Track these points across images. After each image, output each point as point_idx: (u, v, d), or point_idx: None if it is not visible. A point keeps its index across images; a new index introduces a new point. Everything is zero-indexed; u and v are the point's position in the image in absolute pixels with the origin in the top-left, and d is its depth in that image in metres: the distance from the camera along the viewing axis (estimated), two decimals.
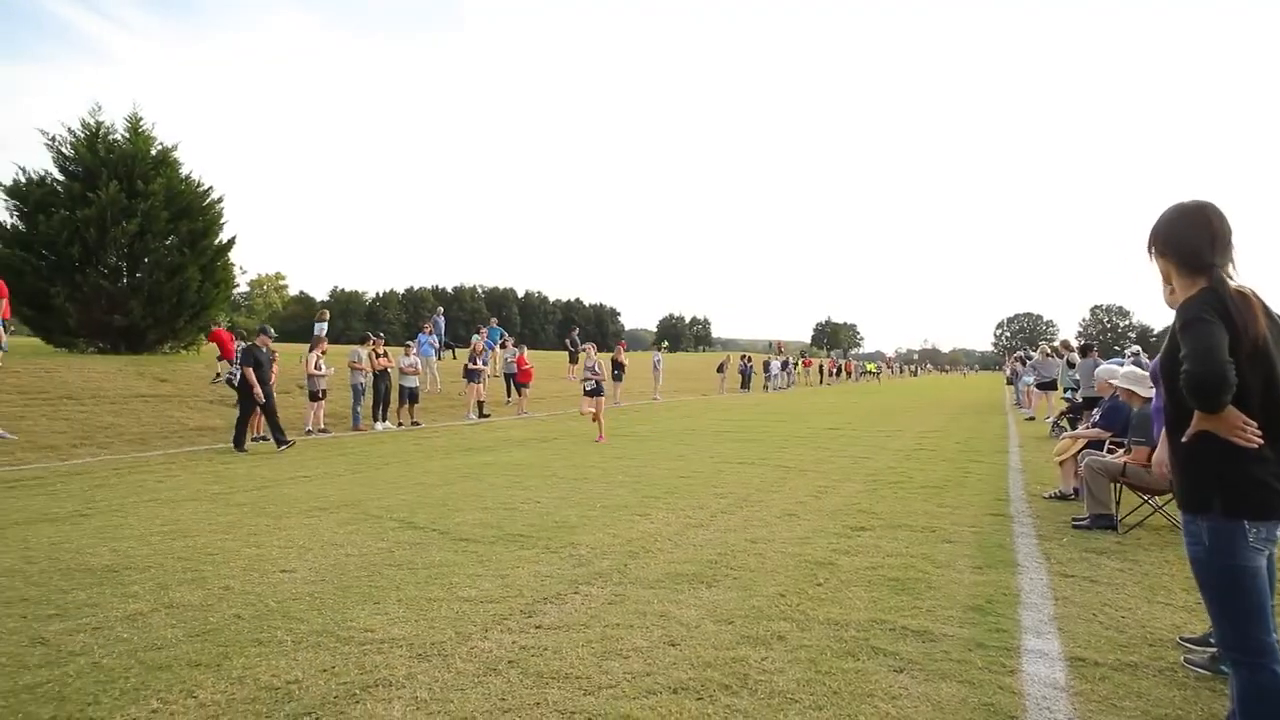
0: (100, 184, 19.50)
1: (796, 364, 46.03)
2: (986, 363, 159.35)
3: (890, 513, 6.99)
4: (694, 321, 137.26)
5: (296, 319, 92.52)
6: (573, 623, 3.99)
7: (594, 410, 13.04)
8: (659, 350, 30.15)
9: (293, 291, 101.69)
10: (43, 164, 21.69)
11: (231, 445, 11.24)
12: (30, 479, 8.50)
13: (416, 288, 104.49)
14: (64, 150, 20.41)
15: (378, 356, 14.27)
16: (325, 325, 19.07)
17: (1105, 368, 7.65)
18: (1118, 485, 6.41)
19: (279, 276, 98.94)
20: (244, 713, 2.95)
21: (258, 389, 11.13)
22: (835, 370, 55.34)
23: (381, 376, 14.25)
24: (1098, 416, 7.52)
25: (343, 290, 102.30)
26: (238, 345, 15.07)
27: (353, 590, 4.50)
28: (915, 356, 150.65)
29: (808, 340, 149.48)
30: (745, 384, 34.24)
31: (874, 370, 64.60)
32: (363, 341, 14.51)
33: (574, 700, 3.09)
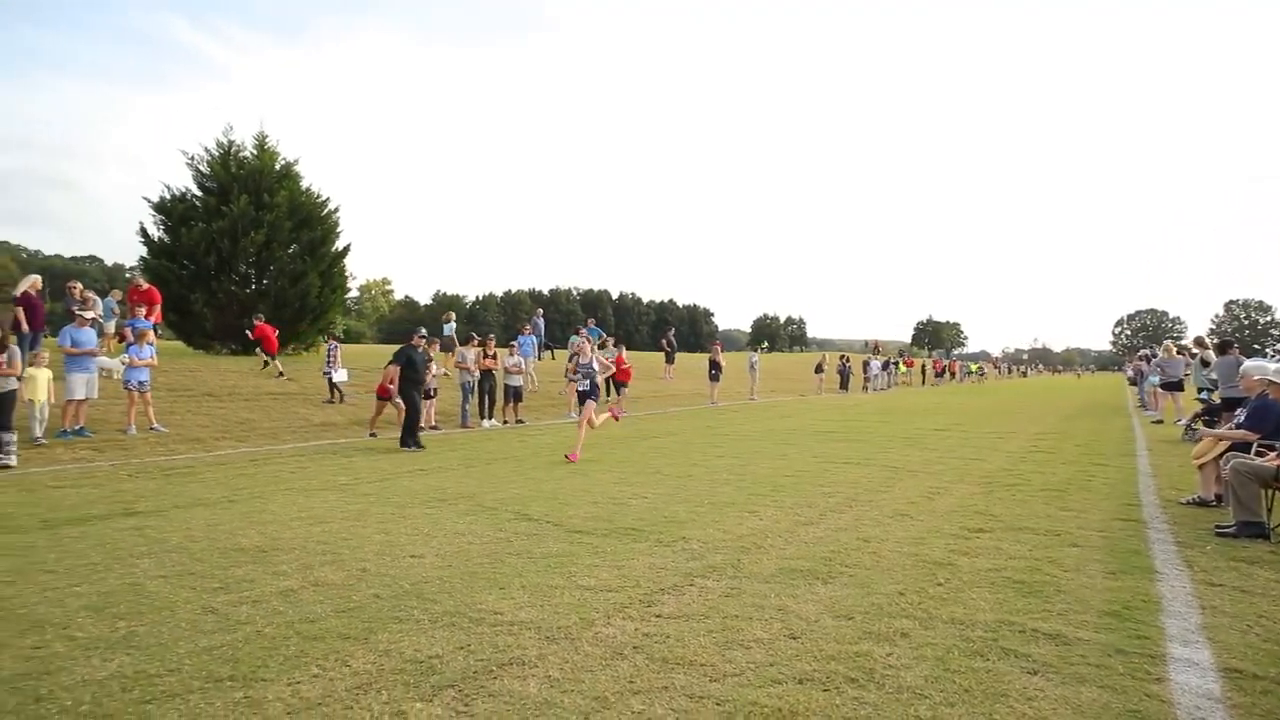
0: (232, 198, 21.08)
1: (898, 364, 44.65)
2: (1104, 363, 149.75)
3: (1009, 515, 6.73)
4: (789, 321, 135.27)
5: (402, 322, 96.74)
6: (692, 613, 4.06)
7: (589, 416, 10.55)
8: (756, 350, 29.90)
9: (398, 296, 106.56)
10: (183, 181, 23.51)
11: (398, 444, 11.45)
12: (183, 468, 9.28)
13: (514, 290, 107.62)
14: (201, 168, 22.17)
15: (486, 356, 14.79)
16: (453, 326, 19.90)
17: (1254, 364, 7.09)
18: (1269, 491, 5.95)
19: (385, 281, 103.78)
20: (393, 682, 3.17)
21: (393, 388, 11.61)
22: (939, 370, 53.35)
23: (487, 376, 14.77)
24: (1243, 417, 6.98)
25: (444, 293, 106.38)
26: (329, 346, 15.90)
27: (479, 576, 4.72)
28: (1024, 356, 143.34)
29: (907, 340, 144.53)
30: (844, 384, 33.49)
31: (977, 370, 61.88)
32: (468, 342, 15.05)
33: (700, 686, 3.16)
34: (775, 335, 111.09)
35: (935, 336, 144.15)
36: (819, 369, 32.90)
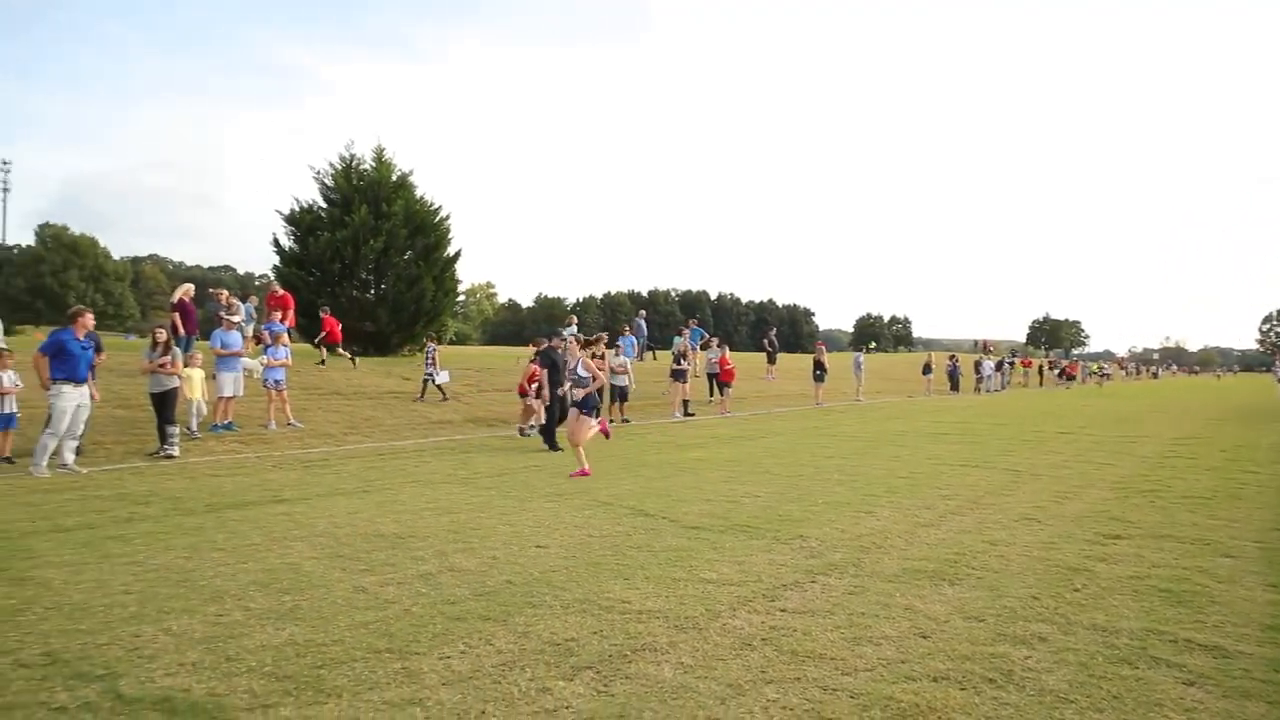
0: (354, 208, 22.39)
1: (1012, 364, 42.50)
2: (1249, 363, 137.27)
3: (1149, 522, 6.35)
4: (893, 320, 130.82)
5: (506, 324, 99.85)
6: (816, 608, 4.07)
7: (577, 431, 9.13)
8: (862, 350, 29.17)
9: (501, 299, 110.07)
10: (310, 195, 25.17)
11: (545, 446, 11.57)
12: (318, 460, 9.98)
13: (613, 292, 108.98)
14: (325, 181, 23.68)
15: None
16: (575, 328, 20.47)
17: None
18: None
19: (489, 285, 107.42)
20: (535, 661, 3.34)
21: (546, 390, 11.96)
22: (1058, 371, 50.42)
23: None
24: None
25: (546, 296, 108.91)
26: (429, 348, 16.60)
27: (603, 567, 4.89)
28: (1155, 356, 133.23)
29: (1021, 339, 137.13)
30: (954, 385, 32.19)
31: (1098, 370, 58.02)
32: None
33: (833, 679, 3.18)
34: (879, 335, 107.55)
35: (1053, 335, 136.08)
36: (926, 369, 31.75)
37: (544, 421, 11.96)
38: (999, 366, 37.33)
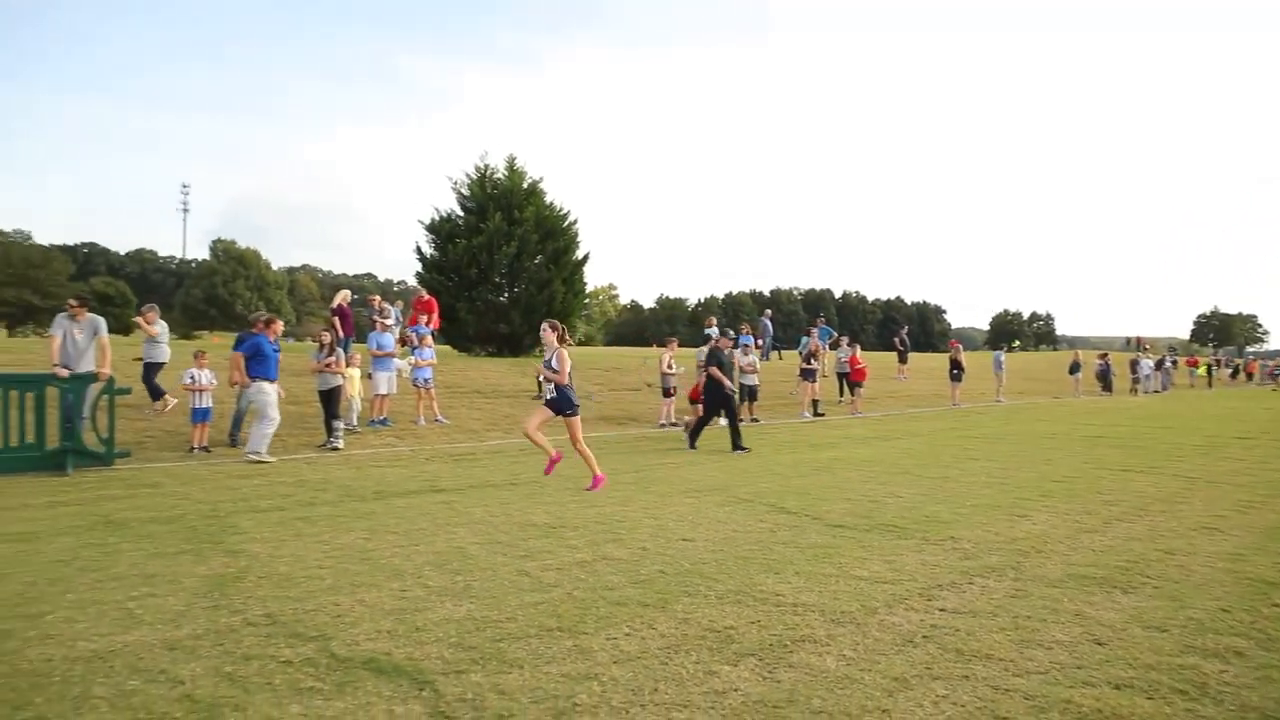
0: (488, 215, 23.50)
1: (1175, 362, 38.93)
2: None
3: None
4: (1034, 317, 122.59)
5: (628, 325, 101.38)
6: (978, 609, 3.97)
7: (532, 425, 8.12)
8: (1003, 349, 27.60)
9: (623, 300, 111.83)
10: (449, 204, 26.58)
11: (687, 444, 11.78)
12: (466, 454, 10.59)
13: (735, 292, 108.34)
14: (462, 190, 24.99)
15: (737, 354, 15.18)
16: (715, 330, 20.71)
17: None
18: None
19: (610, 287, 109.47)
20: (697, 646, 3.46)
21: (728, 383, 12.05)
22: (1231, 370, 45.72)
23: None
24: None
25: (667, 297, 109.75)
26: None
27: (751, 561, 4.95)
28: None
29: (1184, 336, 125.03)
30: (1106, 386, 29.87)
31: (1276, 371, 51.98)
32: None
33: (1004, 679, 3.11)
34: (1019, 332, 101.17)
35: (1223, 331, 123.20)
36: (1074, 369, 29.60)
37: (700, 418, 12.04)
38: (1159, 365, 34.34)
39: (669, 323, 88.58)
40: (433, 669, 3.17)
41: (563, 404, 7.96)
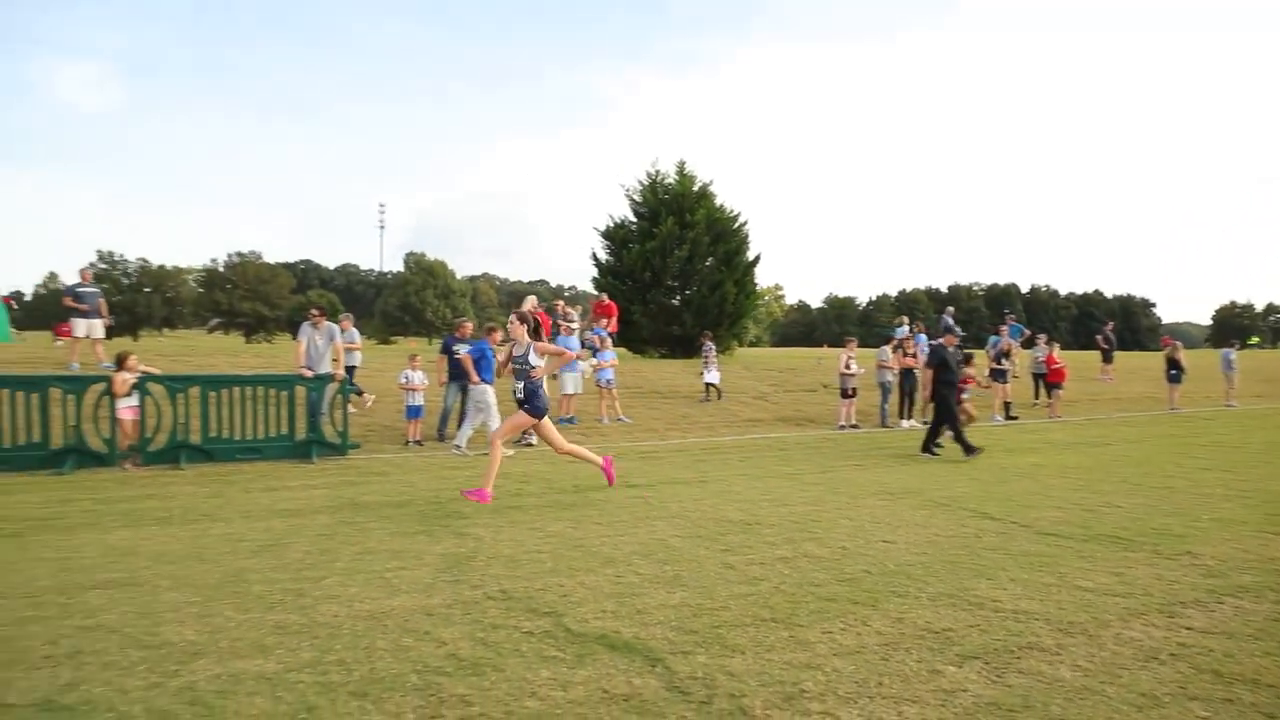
0: (660, 220, 24.07)
1: None
2: None
3: None
4: (1270, 309, 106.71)
5: (795, 325, 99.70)
6: (1233, 631, 3.64)
7: (501, 433, 7.63)
8: (1234, 346, 24.33)
9: (790, 300, 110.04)
10: (622, 211, 27.53)
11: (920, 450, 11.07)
12: (650, 452, 10.97)
13: (909, 289, 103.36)
14: (634, 197, 25.76)
15: (905, 355, 14.63)
16: (906, 329, 20.23)
17: None
18: None
19: (777, 288, 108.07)
20: (916, 645, 3.44)
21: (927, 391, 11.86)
22: None
23: (907, 375, 14.57)
24: None
25: (836, 296, 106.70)
26: (705, 347, 16.92)
27: (959, 565, 4.81)
28: None
29: None
30: None
31: None
32: (888, 341, 15.02)
33: (1277, 706, 2.84)
34: (1251, 327, 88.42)
35: None
36: None
37: (937, 421, 11.37)
38: None
39: (838, 322, 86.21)
40: (660, 649, 3.39)
41: (536, 407, 7.24)
